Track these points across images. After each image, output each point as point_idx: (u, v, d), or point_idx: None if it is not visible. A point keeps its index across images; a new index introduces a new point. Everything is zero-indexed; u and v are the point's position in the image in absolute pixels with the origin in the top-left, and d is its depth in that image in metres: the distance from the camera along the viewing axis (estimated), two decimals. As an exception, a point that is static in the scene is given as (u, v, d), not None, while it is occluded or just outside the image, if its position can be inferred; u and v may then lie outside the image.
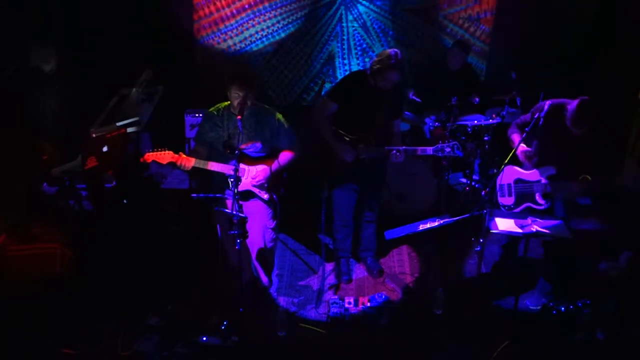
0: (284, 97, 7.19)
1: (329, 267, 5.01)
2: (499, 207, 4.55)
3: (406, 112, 5.84)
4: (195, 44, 6.96)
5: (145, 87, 5.74)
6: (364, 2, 6.81)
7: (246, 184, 4.34)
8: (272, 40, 6.94)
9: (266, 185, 4.37)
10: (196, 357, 4.00)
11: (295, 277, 4.98)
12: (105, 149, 4.74)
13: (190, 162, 4.25)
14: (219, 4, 6.82)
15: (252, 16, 6.86)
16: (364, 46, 6.99)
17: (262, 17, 6.85)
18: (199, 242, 5.12)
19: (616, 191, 5.04)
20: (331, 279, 4.91)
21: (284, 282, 4.90)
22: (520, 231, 4.01)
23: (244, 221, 3.79)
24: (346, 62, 7.06)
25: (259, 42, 6.96)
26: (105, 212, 5.28)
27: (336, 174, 4.62)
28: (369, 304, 4.44)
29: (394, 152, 4.47)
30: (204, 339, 4.06)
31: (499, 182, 4.55)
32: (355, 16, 6.87)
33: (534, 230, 3.98)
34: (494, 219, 4.11)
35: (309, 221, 5.41)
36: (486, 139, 5.79)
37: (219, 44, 6.97)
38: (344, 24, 6.91)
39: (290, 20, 6.87)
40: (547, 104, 4.28)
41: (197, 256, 5.02)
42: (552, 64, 6.62)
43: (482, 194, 3.97)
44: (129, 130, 5.17)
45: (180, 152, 4.29)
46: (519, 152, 4.47)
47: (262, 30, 6.91)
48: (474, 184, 5.95)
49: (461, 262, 5.17)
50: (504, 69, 6.08)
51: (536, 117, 4.21)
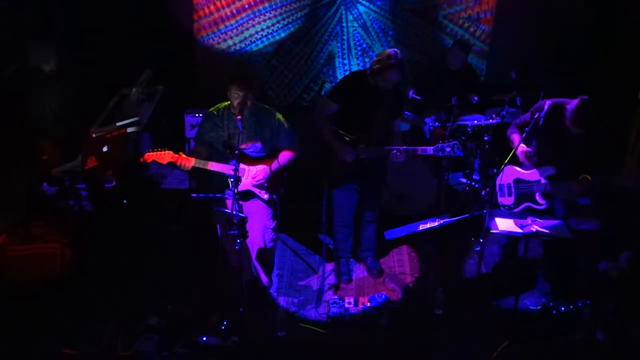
0: (284, 97, 7.19)
1: (329, 267, 5.00)
2: (499, 207, 4.55)
3: (406, 112, 5.84)
4: (195, 44, 6.96)
5: (145, 87, 5.74)
6: (364, 2, 6.81)
7: (246, 184, 4.34)
8: (272, 40, 6.94)
9: (266, 185, 4.37)
10: (196, 357, 4.00)
11: (295, 277, 4.98)
12: (105, 149, 4.74)
13: (190, 162, 4.25)
14: (219, 4, 6.82)
15: (252, 16, 6.86)
16: (364, 46, 6.99)
17: (262, 17, 6.85)
18: (199, 242, 5.12)
19: (616, 191, 5.04)
20: (331, 279, 4.91)
21: (284, 282, 4.89)
22: (520, 231, 4.02)
23: (244, 221, 3.78)
24: (346, 62, 7.06)
25: (259, 42, 6.96)
26: (105, 212, 5.28)
27: (336, 174, 4.62)
28: (369, 304, 4.44)
29: (394, 152, 4.47)
30: (204, 339, 4.07)
31: (498, 182, 4.54)
32: (355, 16, 6.87)
33: (534, 230, 3.98)
34: (494, 219, 4.11)
35: (309, 221, 5.42)
36: (486, 139, 5.78)
37: (219, 44, 6.97)
38: (344, 24, 6.91)
39: (290, 20, 6.87)
40: (547, 103, 4.28)
41: (197, 256, 5.02)
42: (552, 64, 6.62)
43: (482, 194, 3.97)
44: (129, 130, 5.17)
45: (180, 152, 4.29)
46: (519, 152, 4.47)
47: (262, 30, 6.91)
48: (474, 184, 5.95)
49: (461, 262, 5.17)
50: (504, 69, 6.08)
51: (536, 117, 4.21)
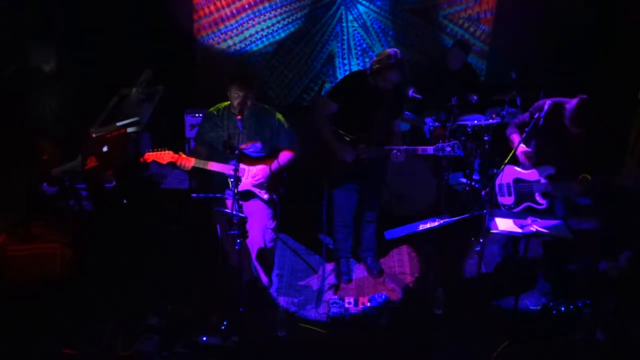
0: (284, 97, 7.19)
1: (329, 267, 5.00)
2: (499, 206, 4.55)
3: (406, 112, 5.84)
4: (195, 44, 6.96)
5: (145, 87, 5.74)
6: (364, 2, 6.81)
7: (246, 184, 4.34)
8: (272, 40, 6.94)
9: (266, 185, 4.37)
10: (196, 357, 4.00)
11: (295, 277, 4.98)
12: (105, 149, 4.74)
13: (190, 162, 4.25)
14: (219, 4, 6.82)
15: (252, 16, 6.86)
16: (364, 46, 6.99)
17: (262, 17, 6.85)
18: (199, 242, 5.12)
19: (616, 191, 5.04)
20: (331, 279, 4.90)
21: (284, 282, 4.89)
22: (520, 231, 4.01)
23: (244, 221, 3.78)
24: (346, 62, 7.06)
25: (259, 42, 6.96)
26: (105, 212, 5.28)
27: (336, 174, 4.62)
28: (369, 304, 4.44)
29: (395, 151, 4.47)
30: (204, 339, 4.06)
31: (498, 181, 4.54)
32: (355, 16, 6.87)
33: (534, 230, 3.98)
34: (494, 219, 4.11)
35: (309, 221, 5.42)
36: (486, 139, 5.78)
37: (219, 44, 6.97)
38: (344, 24, 6.91)
39: (290, 20, 6.87)
40: (547, 103, 4.27)
41: (197, 256, 5.02)
42: (552, 64, 6.61)
43: (482, 194, 3.97)
44: (129, 130, 5.17)
45: (180, 152, 4.29)
46: (518, 152, 4.46)
47: (262, 30, 6.91)
48: (474, 184, 5.95)
49: (461, 262, 5.17)
50: (504, 69, 6.08)
51: (536, 117, 4.21)
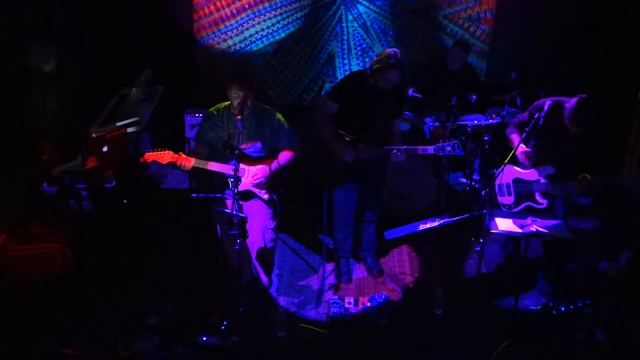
0: (284, 97, 7.19)
1: (329, 267, 5.00)
2: (499, 206, 4.55)
3: (406, 112, 5.84)
4: (195, 44, 6.96)
5: (145, 87, 5.74)
6: (364, 2, 6.81)
7: (246, 184, 4.34)
8: (272, 40, 6.94)
9: (266, 185, 4.37)
10: (196, 357, 4.00)
11: (295, 277, 4.98)
12: (105, 149, 4.74)
13: (190, 162, 4.25)
14: (219, 4, 6.82)
15: (252, 16, 6.86)
16: (364, 46, 6.99)
17: (262, 17, 6.85)
18: (199, 242, 5.12)
19: (616, 191, 5.04)
20: (331, 279, 4.90)
21: (284, 282, 4.89)
22: (520, 231, 4.01)
23: (244, 221, 3.78)
24: (346, 62, 7.06)
25: (259, 42, 6.95)
26: (105, 212, 5.28)
27: (336, 174, 4.62)
28: (369, 304, 4.44)
29: (395, 151, 4.46)
30: (204, 339, 4.06)
31: (497, 181, 4.54)
32: (355, 16, 6.87)
33: (534, 230, 3.98)
34: (494, 219, 4.11)
35: (309, 221, 5.42)
36: (486, 139, 5.78)
37: (219, 44, 6.97)
38: (344, 24, 6.91)
39: (290, 20, 6.87)
40: (547, 103, 4.27)
41: (197, 256, 5.02)
42: (552, 64, 6.61)
43: (482, 194, 3.97)
44: (129, 130, 5.17)
45: (180, 152, 4.29)
46: (518, 152, 4.46)
47: (262, 30, 6.91)
48: (474, 184, 5.95)
49: (461, 262, 5.17)
50: (504, 69, 6.08)
51: (536, 117, 4.20)
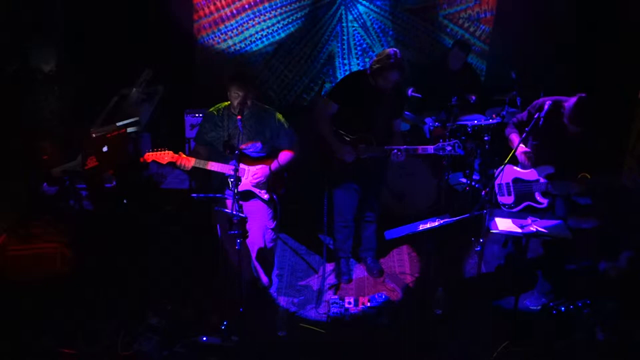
0: (284, 97, 7.19)
1: (329, 267, 5.00)
2: (499, 206, 4.54)
3: (406, 112, 5.83)
4: (195, 44, 6.96)
5: (145, 87, 5.74)
6: (364, 2, 6.81)
7: (246, 184, 4.34)
8: (272, 40, 6.94)
9: (266, 185, 4.37)
10: (196, 357, 3.99)
11: (295, 277, 4.98)
12: (105, 149, 4.74)
13: (190, 162, 4.25)
14: (219, 4, 6.82)
15: (252, 16, 6.86)
16: (364, 46, 6.99)
17: (262, 17, 6.85)
18: (199, 242, 5.12)
19: (616, 191, 5.04)
20: (331, 279, 4.90)
21: (284, 282, 4.89)
22: (520, 231, 4.01)
23: (244, 221, 3.79)
24: (346, 62, 7.06)
25: (259, 42, 6.96)
26: (105, 212, 5.28)
27: (337, 173, 4.62)
28: (369, 304, 4.44)
29: (395, 151, 4.46)
30: (204, 338, 4.06)
31: (497, 181, 4.54)
32: (355, 16, 6.87)
33: (534, 230, 3.97)
34: (494, 219, 4.11)
35: (309, 221, 5.42)
36: (486, 139, 5.78)
37: (219, 44, 6.97)
38: (344, 24, 6.91)
39: (290, 20, 6.87)
40: (547, 103, 4.26)
41: (197, 256, 5.02)
42: (552, 63, 6.61)
43: (482, 194, 3.97)
44: (129, 130, 5.17)
45: (180, 152, 4.29)
46: (518, 152, 4.46)
47: (262, 30, 6.91)
48: (474, 184, 5.95)
49: (461, 262, 5.17)
50: (504, 69, 6.08)
51: (536, 117, 4.20)
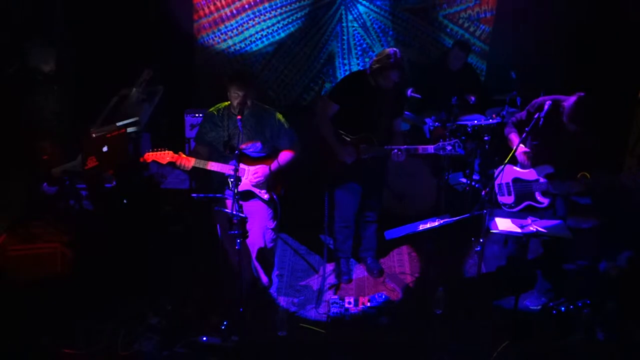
0: (284, 97, 7.19)
1: (330, 267, 5.00)
2: (499, 206, 4.54)
3: (406, 112, 5.83)
4: (195, 44, 6.96)
5: (145, 87, 5.73)
6: (364, 2, 6.81)
7: (246, 183, 4.34)
8: (272, 40, 6.94)
9: (266, 185, 4.37)
10: (196, 356, 3.99)
11: (295, 277, 4.98)
12: (105, 149, 4.74)
13: (190, 162, 4.25)
14: (219, 4, 6.82)
15: (252, 16, 6.86)
16: (364, 46, 6.99)
17: (262, 17, 6.85)
18: (199, 242, 5.12)
19: (616, 190, 5.04)
20: (331, 279, 4.90)
21: (284, 282, 4.89)
22: (520, 231, 4.01)
23: (244, 221, 3.78)
24: (346, 62, 7.06)
25: (259, 42, 6.96)
26: (105, 212, 5.28)
27: (337, 173, 4.62)
28: (369, 304, 4.44)
29: (395, 151, 4.46)
30: (204, 338, 4.06)
31: (497, 181, 4.54)
32: (355, 16, 6.87)
33: (534, 230, 3.97)
34: (494, 219, 4.11)
35: (309, 221, 5.41)
36: (486, 139, 5.78)
37: (219, 44, 6.97)
38: (344, 24, 6.91)
39: (290, 20, 6.87)
40: (547, 103, 4.26)
41: (197, 256, 5.02)
42: (552, 63, 6.61)
43: (482, 194, 3.97)
44: (129, 130, 5.16)
45: (180, 152, 4.30)
46: (518, 152, 4.46)
47: (262, 30, 6.91)
48: (474, 184, 5.95)
49: (461, 262, 5.17)
50: (504, 69, 6.08)
51: (536, 117, 4.20)
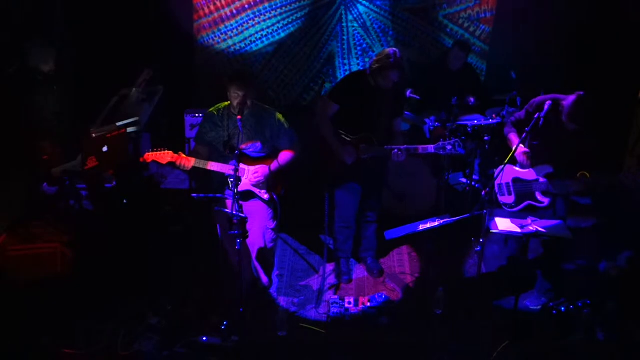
0: (284, 97, 7.19)
1: (330, 267, 5.00)
2: (500, 206, 4.54)
3: (406, 112, 5.83)
4: (195, 44, 6.96)
5: (145, 87, 5.74)
6: (364, 2, 6.81)
7: (246, 183, 4.34)
8: (272, 40, 6.94)
9: (266, 185, 4.37)
10: (196, 357, 3.99)
11: (295, 277, 4.98)
12: (105, 149, 4.74)
13: (190, 162, 4.26)
14: (219, 4, 6.83)
15: (252, 16, 6.86)
16: (364, 46, 6.99)
17: (262, 17, 6.85)
18: (199, 242, 5.12)
19: (616, 190, 5.04)
20: (331, 279, 4.90)
21: (284, 282, 4.89)
22: (520, 231, 4.01)
23: (244, 221, 3.78)
24: (346, 62, 7.06)
25: (259, 42, 6.96)
26: (105, 212, 5.28)
27: (338, 174, 4.62)
28: (369, 304, 4.44)
29: (395, 151, 4.45)
30: (204, 338, 4.06)
31: (497, 181, 4.54)
32: (355, 16, 6.87)
33: (534, 230, 3.97)
34: (494, 219, 4.11)
35: (309, 221, 5.41)
36: (486, 139, 5.78)
37: (219, 44, 6.97)
38: (344, 24, 6.91)
39: (290, 20, 6.87)
40: (547, 103, 4.26)
41: (197, 256, 5.02)
42: (552, 63, 6.61)
43: (482, 194, 3.96)
44: (129, 130, 5.16)
45: (180, 152, 4.30)
46: (518, 152, 4.45)
47: (262, 30, 6.91)
48: (474, 184, 5.95)
49: (461, 262, 5.17)
50: (504, 69, 6.08)
51: (536, 117, 4.19)
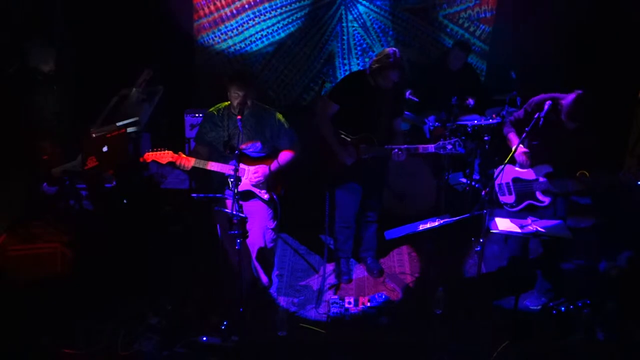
0: (284, 97, 7.19)
1: (330, 267, 5.00)
2: (501, 206, 4.54)
3: (406, 112, 5.83)
4: (195, 44, 6.96)
5: (145, 87, 5.74)
6: (364, 2, 6.81)
7: (246, 183, 4.34)
8: (272, 40, 6.94)
9: (266, 185, 4.37)
10: (196, 357, 3.99)
11: (295, 277, 4.98)
12: (105, 149, 4.74)
13: (189, 162, 4.26)
14: (219, 4, 6.83)
15: (252, 16, 6.86)
16: (364, 46, 6.99)
17: (262, 17, 6.85)
18: (199, 242, 5.12)
19: (616, 190, 5.04)
20: (331, 279, 4.90)
21: (284, 282, 4.89)
22: (519, 231, 4.01)
23: (244, 221, 3.79)
24: (346, 62, 7.06)
25: (259, 42, 6.96)
26: (105, 212, 5.28)
27: (338, 174, 4.62)
28: (369, 304, 4.44)
29: (396, 150, 4.45)
30: (204, 338, 4.06)
31: (497, 181, 4.54)
32: (355, 16, 6.87)
33: (534, 230, 3.97)
34: (494, 219, 4.11)
35: (309, 221, 5.41)
36: (486, 139, 5.78)
37: (219, 44, 6.97)
38: (344, 24, 6.91)
39: (290, 20, 6.87)
40: (547, 103, 4.25)
41: (197, 256, 5.02)
42: (552, 63, 6.61)
43: (482, 194, 3.96)
44: (129, 130, 5.16)
45: (180, 152, 4.30)
46: (518, 152, 4.45)
47: (262, 30, 6.91)
48: (474, 184, 5.94)
49: (461, 262, 5.17)
50: (504, 69, 6.08)
51: (536, 117, 4.19)
